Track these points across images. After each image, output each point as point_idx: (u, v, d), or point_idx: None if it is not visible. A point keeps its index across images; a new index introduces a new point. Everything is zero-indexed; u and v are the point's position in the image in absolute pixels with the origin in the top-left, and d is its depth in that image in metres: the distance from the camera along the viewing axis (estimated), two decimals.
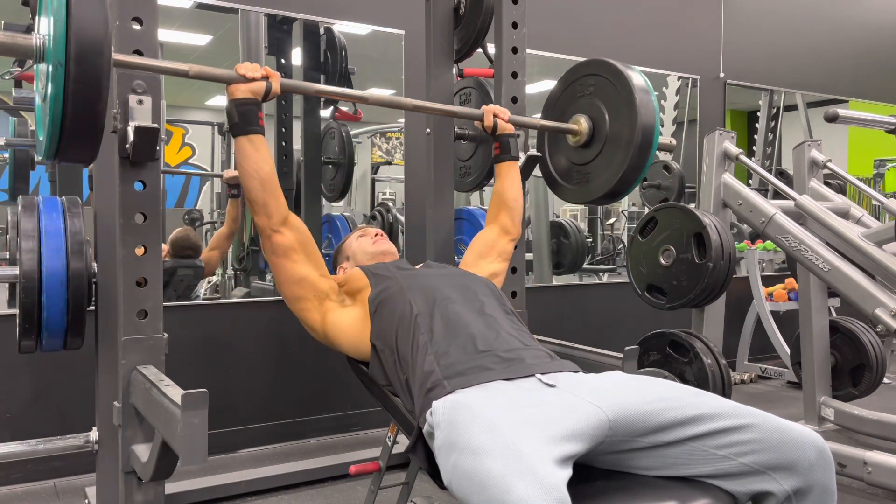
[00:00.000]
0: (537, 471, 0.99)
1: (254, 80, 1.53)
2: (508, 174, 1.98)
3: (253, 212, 1.60)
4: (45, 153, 1.19)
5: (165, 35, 3.14)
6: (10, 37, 1.14)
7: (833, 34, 4.86)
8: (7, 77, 2.55)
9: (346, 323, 1.65)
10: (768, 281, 4.22)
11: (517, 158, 1.99)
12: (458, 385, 1.31)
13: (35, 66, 1.23)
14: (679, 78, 4.31)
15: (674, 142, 2.04)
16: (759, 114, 5.17)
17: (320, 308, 1.67)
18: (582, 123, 1.98)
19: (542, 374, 1.35)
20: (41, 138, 1.23)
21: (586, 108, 1.99)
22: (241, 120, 1.53)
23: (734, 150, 2.81)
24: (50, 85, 1.11)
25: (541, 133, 2.20)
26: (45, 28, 1.16)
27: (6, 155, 2.75)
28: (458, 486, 1.10)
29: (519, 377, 1.34)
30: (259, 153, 1.55)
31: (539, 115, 2.14)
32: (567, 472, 1.04)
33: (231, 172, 3.27)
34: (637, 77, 1.89)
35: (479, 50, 2.51)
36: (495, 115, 1.93)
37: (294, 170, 3.43)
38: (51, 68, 1.10)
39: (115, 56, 1.26)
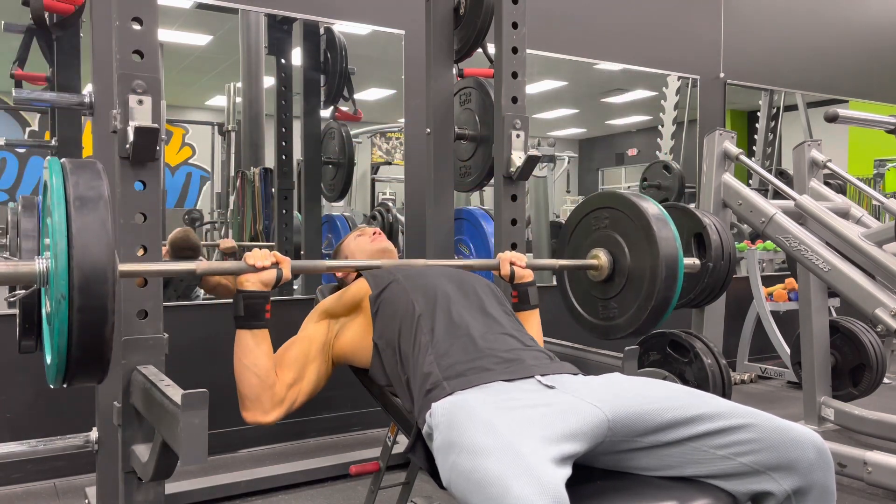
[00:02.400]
0: (536, 470, 0.99)
1: (263, 268, 1.47)
2: (528, 324, 1.81)
3: (242, 406, 1.52)
4: (52, 379, 1.17)
5: (165, 35, 3.14)
6: (12, 266, 1.13)
7: (833, 34, 4.86)
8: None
9: (350, 340, 1.64)
10: (768, 281, 4.22)
11: (537, 307, 1.86)
12: (457, 386, 1.31)
13: (42, 289, 1.20)
14: (679, 78, 4.31)
15: (697, 262, 1.97)
16: (759, 114, 5.18)
17: (329, 359, 1.66)
18: (601, 258, 1.89)
19: (542, 375, 1.35)
20: (48, 362, 1.21)
21: (604, 242, 1.91)
22: (248, 314, 1.47)
23: (734, 150, 2.81)
24: (55, 316, 1.09)
25: (559, 271, 2.09)
26: (48, 251, 1.13)
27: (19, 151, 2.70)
28: (456, 486, 1.10)
29: (518, 378, 1.34)
30: (260, 349, 1.49)
31: (538, 114, 2.13)
32: (566, 472, 1.04)
33: (228, 242, 3.25)
34: (652, 207, 1.82)
35: (479, 50, 2.51)
36: (512, 264, 1.80)
37: (294, 170, 3.43)
38: (54, 301, 1.09)
39: (121, 268, 1.24)
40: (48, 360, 1.21)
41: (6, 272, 1.12)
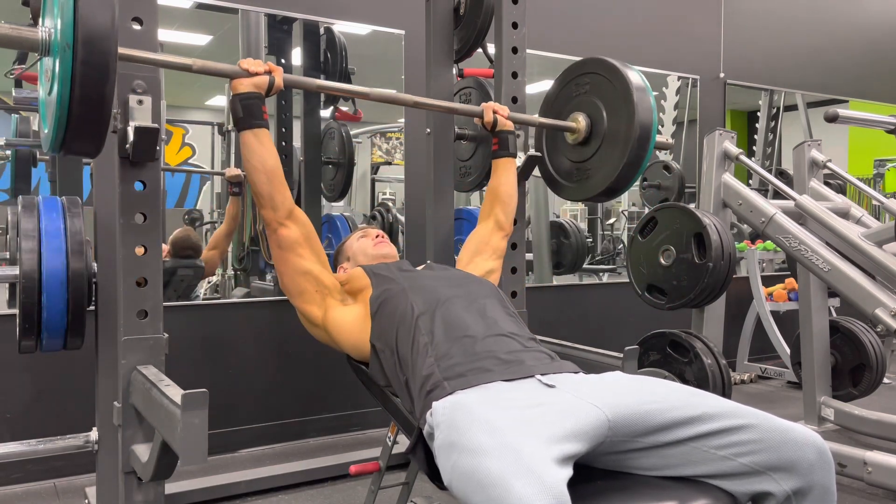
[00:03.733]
0: (537, 470, 0.99)
1: (257, 74, 1.54)
2: (505, 170, 2.01)
3: (259, 205, 1.61)
4: (50, 145, 1.19)
5: (165, 35, 3.14)
6: (15, 29, 1.14)
7: (833, 34, 4.86)
8: (10, 76, 2.55)
9: (347, 321, 1.65)
10: (768, 281, 4.22)
11: (515, 155, 2.02)
12: (457, 386, 1.31)
13: (39, 63, 1.23)
14: (679, 78, 4.31)
15: (671, 140, 2.06)
16: (759, 114, 5.18)
17: (322, 304, 1.68)
18: (580, 121, 1.99)
19: (542, 374, 1.35)
20: (46, 131, 1.22)
21: (584, 107, 2.01)
22: (246, 114, 1.54)
23: (734, 150, 2.81)
24: (57, 67, 1.11)
25: (539, 133, 2.20)
26: (49, 22, 1.17)
27: (8, 153, 2.75)
28: (457, 485, 1.10)
29: (519, 378, 1.34)
30: (264, 147, 1.57)
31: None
32: (567, 472, 1.04)
33: (233, 170, 3.27)
34: (634, 74, 1.91)
35: (479, 50, 2.51)
36: (495, 112, 1.96)
37: (294, 170, 3.43)
38: (58, 52, 1.11)
39: (121, 50, 1.26)
40: (46, 129, 1.22)
41: (8, 34, 1.14)
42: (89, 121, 1.14)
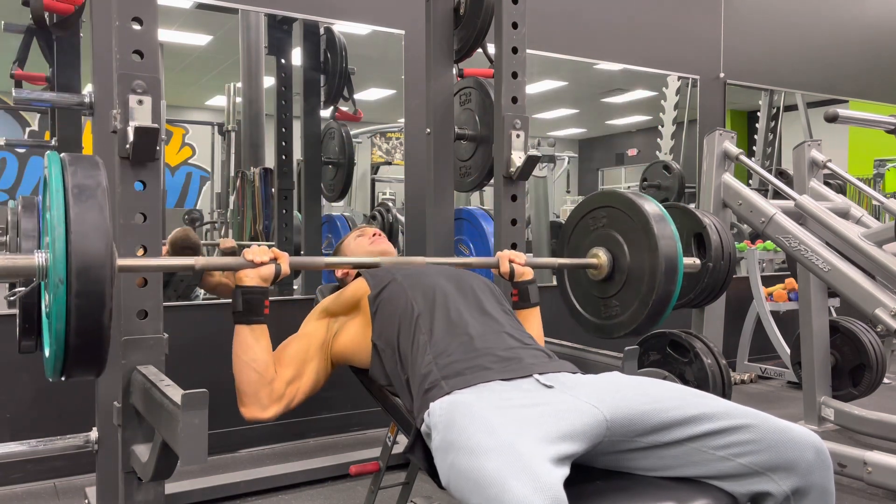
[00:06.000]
0: (533, 470, 0.99)
1: (262, 264, 1.47)
2: (529, 322, 1.81)
3: (240, 402, 1.50)
4: (50, 372, 1.17)
5: (165, 35, 3.14)
6: (10, 259, 1.13)
7: (833, 34, 4.86)
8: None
9: (349, 340, 1.64)
10: (768, 281, 4.22)
11: (537, 304, 1.85)
12: (455, 385, 1.31)
13: (41, 283, 1.19)
14: (679, 78, 4.31)
15: (697, 262, 1.97)
16: (759, 114, 5.18)
17: (328, 358, 1.66)
18: (601, 257, 1.89)
19: (540, 374, 1.35)
20: (47, 355, 1.20)
21: (603, 241, 1.91)
22: (246, 309, 1.46)
23: (734, 150, 2.81)
24: (53, 303, 1.09)
25: (559, 271, 2.11)
26: (48, 241, 1.14)
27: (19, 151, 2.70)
28: (455, 486, 1.10)
29: (517, 377, 1.34)
30: (259, 344, 1.48)
31: (538, 114, 2.13)
32: (564, 472, 1.04)
33: (228, 242, 3.25)
34: (651, 206, 1.82)
35: (479, 50, 2.51)
36: (511, 261, 1.81)
37: (294, 170, 3.43)
38: (52, 288, 1.09)
39: (120, 262, 1.26)
40: (47, 352, 1.21)
41: (5, 266, 1.12)
42: (88, 350, 1.12)
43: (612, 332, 1.94)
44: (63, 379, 1.18)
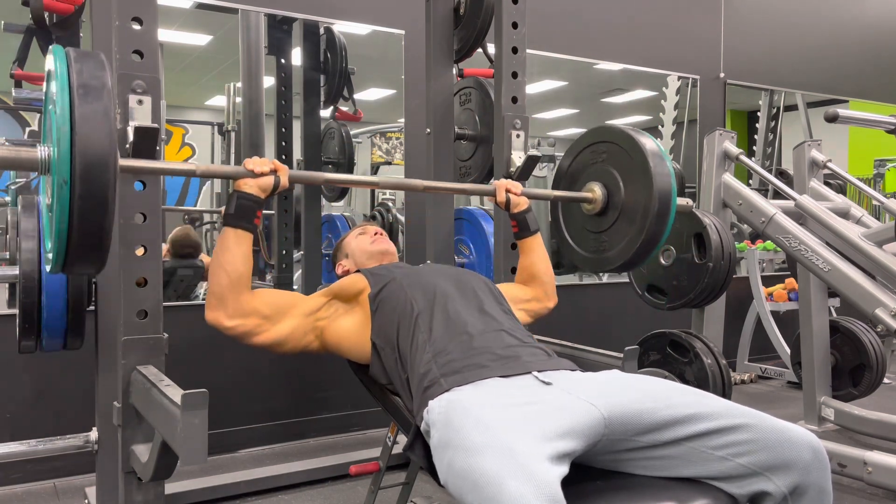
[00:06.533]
0: (530, 468, 0.99)
1: (262, 174, 1.49)
2: (533, 250, 1.88)
3: (208, 304, 1.50)
4: (52, 266, 1.18)
5: (165, 35, 3.14)
6: (14, 151, 1.13)
7: (833, 34, 4.86)
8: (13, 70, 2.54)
9: (346, 329, 1.64)
10: (768, 281, 4.22)
11: (538, 231, 1.90)
12: (454, 383, 1.31)
13: (41, 177, 1.21)
14: (679, 78, 4.31)
15: (690, 202, 1.99)
16: (759, 114, 5.18)
17: (314, 333, 1.64)
18: (596, 191, 1.90)
19: (539, 371, 1.35)
20: (48, 253, 1.21)
21: (599, 176, 1.92)
22: (238, 213, 1.48)
23: (734, 150, 2.81)
24: (56, 202, 1.09)
25: (554, 202, 2.12)
26: (50, 138, 1.14)
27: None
28: (453, 484, 1.10)
29: (515, 374, 1.34)
30: (239, 249, 1.48)
31: (538, 114, 2.14)
32: (562, 470, 1.04)
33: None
34: (650, 143, 1.82)
35: (479, 50, 2.51)
36: (507, 191, 1.85)
37: (294, 170, 3.43)
38: (56, 187, 1.09)
39: (122, 163, 1.25)
40: (48, 247, 1.21)
41: (8, 156, 1.13)
42: (89, 249, 1.13)
43: (601, 266, 1.96)
44: (64, 272, 1.19)
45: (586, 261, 2.02)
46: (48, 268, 1.22)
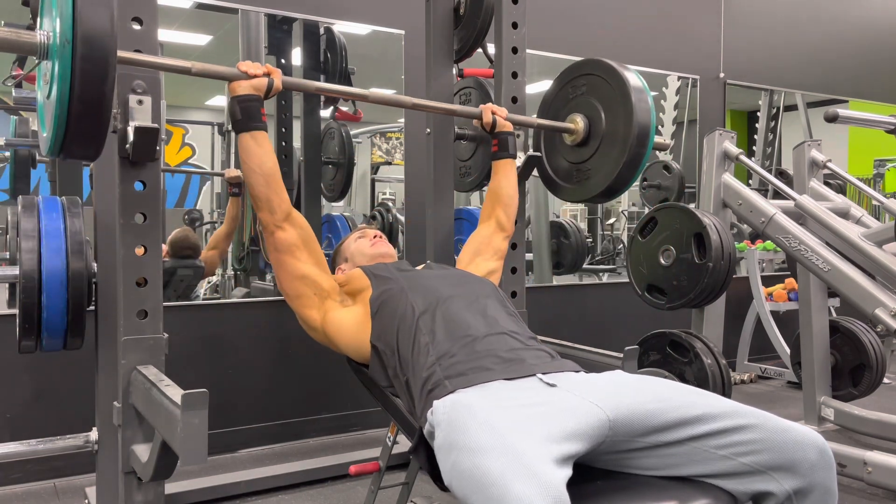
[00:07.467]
0: (536, 470, 0.99)
1: (255, 76, 1.54)
2: (505, 171, 2.01)
3: (256, 207, 1.61)
4: (49, 148, 1.18)
5: (165, 35, 3.14)
6: (14, 33, 1.14)
7: (833, 34, 4.86)
8: (9, 83, 2.55)
9: (346, 322, 1.65)
10: (768, 281, 4.22)
11: (514, 156, 2.02)
12: (458, 385, 1.31)
13: (38, 66, 1.22)
14: (679, 78, 4.31)
15: (670, 141, 2.07)
16: (759, 114, 5.17)
17: (321, 306, 1.67)
18: (578, 122, 2.00)
19: (543, 373, 1.35)
20: (45, 134, 1.22)
21: (582, 108, 2.02)
22: (244, 116, 1.55)
23: (734, 150, 2.81)
24: (56, 66, 1.10)
25: (537, 134, 2.20)
26: (48, 24, 1.16)
27: (6, 154, 2.75)
28: (457, 485, 1.10)
29: (519, 377, 1.34)
30: (262, 148, 1.57)
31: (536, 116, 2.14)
32: (566, 472, 1.04)
33: (233, 171, 3.27)
34: (632, 75, 1.91)
35: (479, 50, 2.51)
36: (493, 113, 1.96)
37: (294, 170, 3.43)
38: (57, 50, 1.10)
39: (120, 53, 1.26)
40: (44, 131, 1.22)
41: (7, 38, 1.14)
42: (89, 120, 1.14)
43: (585, 194, 2.05)
44: (62, 156, 1.19)
45: (569, 192, 2.12)
46: (45, 150, 1.22)
